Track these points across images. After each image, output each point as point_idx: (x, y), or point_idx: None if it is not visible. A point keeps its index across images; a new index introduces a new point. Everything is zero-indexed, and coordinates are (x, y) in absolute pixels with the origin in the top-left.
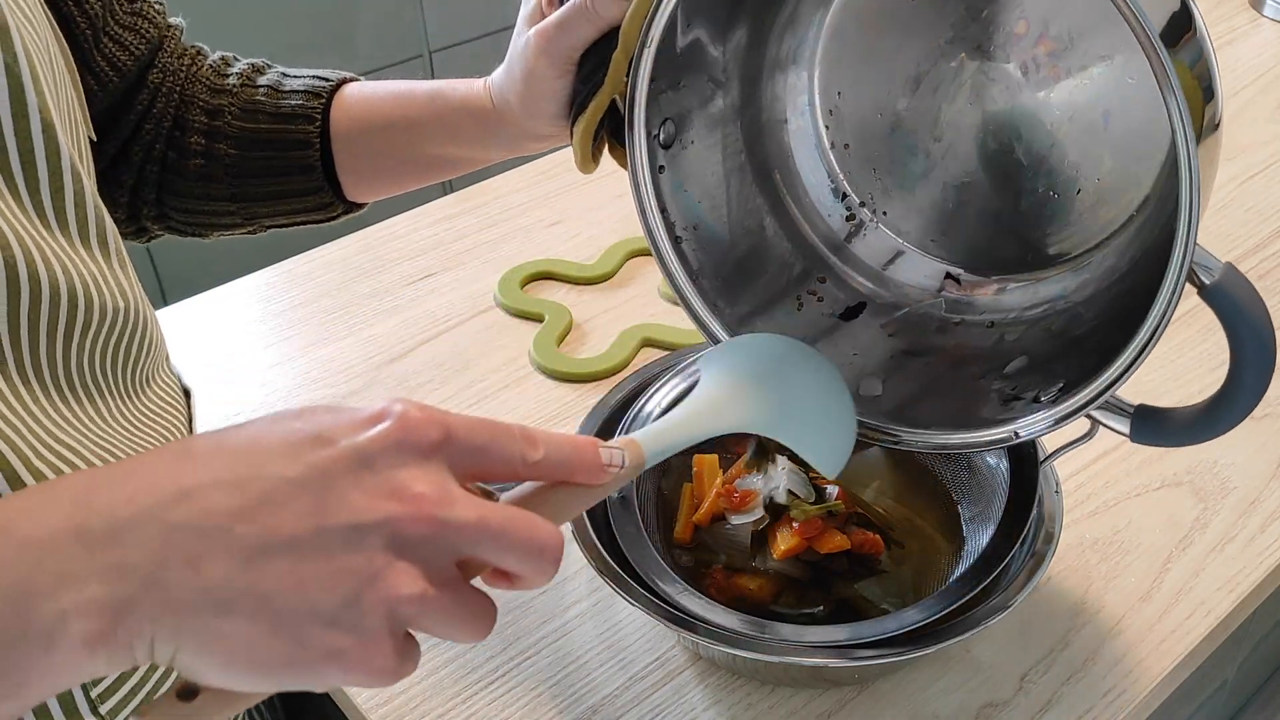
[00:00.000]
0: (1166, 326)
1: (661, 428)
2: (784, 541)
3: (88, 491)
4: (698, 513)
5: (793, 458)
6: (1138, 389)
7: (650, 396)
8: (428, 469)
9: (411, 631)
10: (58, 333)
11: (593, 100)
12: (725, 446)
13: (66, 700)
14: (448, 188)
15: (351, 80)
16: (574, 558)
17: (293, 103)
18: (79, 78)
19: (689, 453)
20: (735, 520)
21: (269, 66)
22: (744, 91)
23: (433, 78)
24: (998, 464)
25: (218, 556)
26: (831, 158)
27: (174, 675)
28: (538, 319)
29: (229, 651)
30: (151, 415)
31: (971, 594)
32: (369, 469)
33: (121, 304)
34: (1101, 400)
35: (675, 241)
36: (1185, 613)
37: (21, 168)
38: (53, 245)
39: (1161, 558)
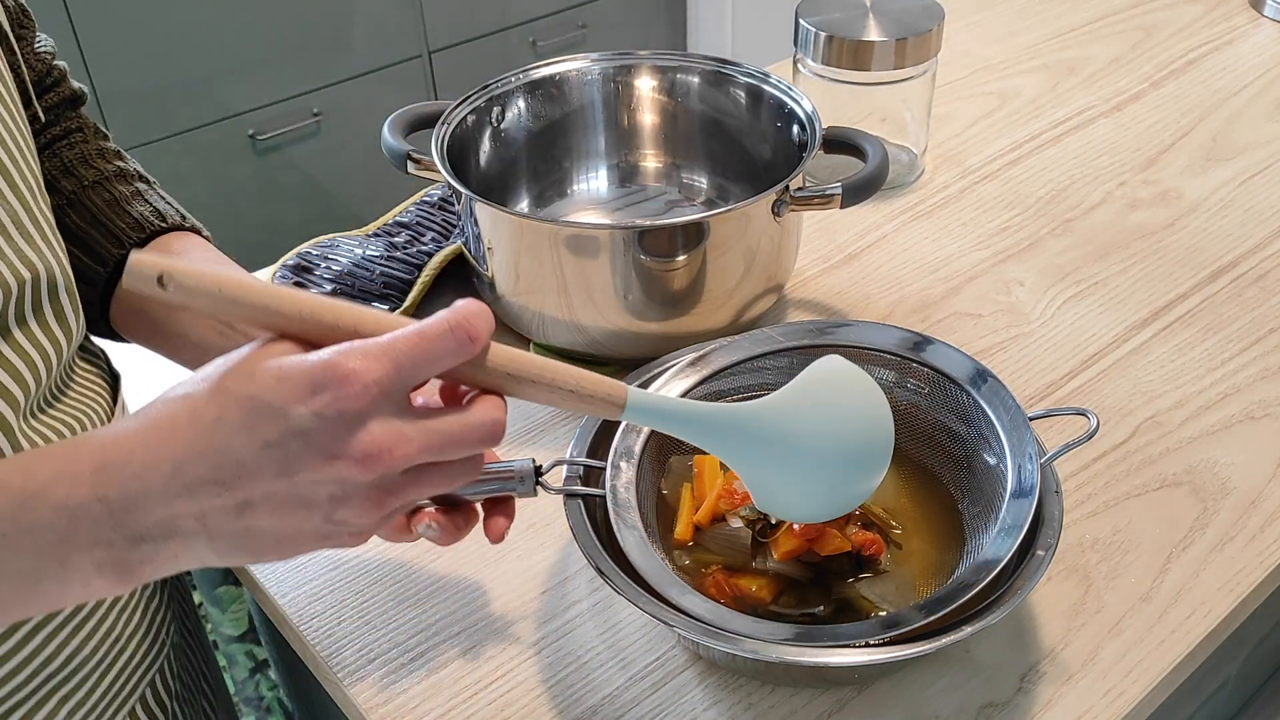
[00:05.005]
0: None
1: (656, 396)
2: (785, 542)
3: (103, 465)
4: (698, 513)
5: None
6: (1136, 388)
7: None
8: (367, 423)
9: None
10: None
11: None
12: None
13: None
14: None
15: (195, 230)
16: (574, 558)
17: (149, 208)
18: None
19: (690, 452)
20: (736, 521)
21: (148, 183)
22: None
23: (432, 78)
24: (998, 463)
25: (214, 513)
26: None
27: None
28: None
29: (235, 560)
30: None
31: (971, 594)
32: (317, 436)
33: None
34: None
35: None
36: (1185, 613)
37: None
38: None
39: (1161, 558)
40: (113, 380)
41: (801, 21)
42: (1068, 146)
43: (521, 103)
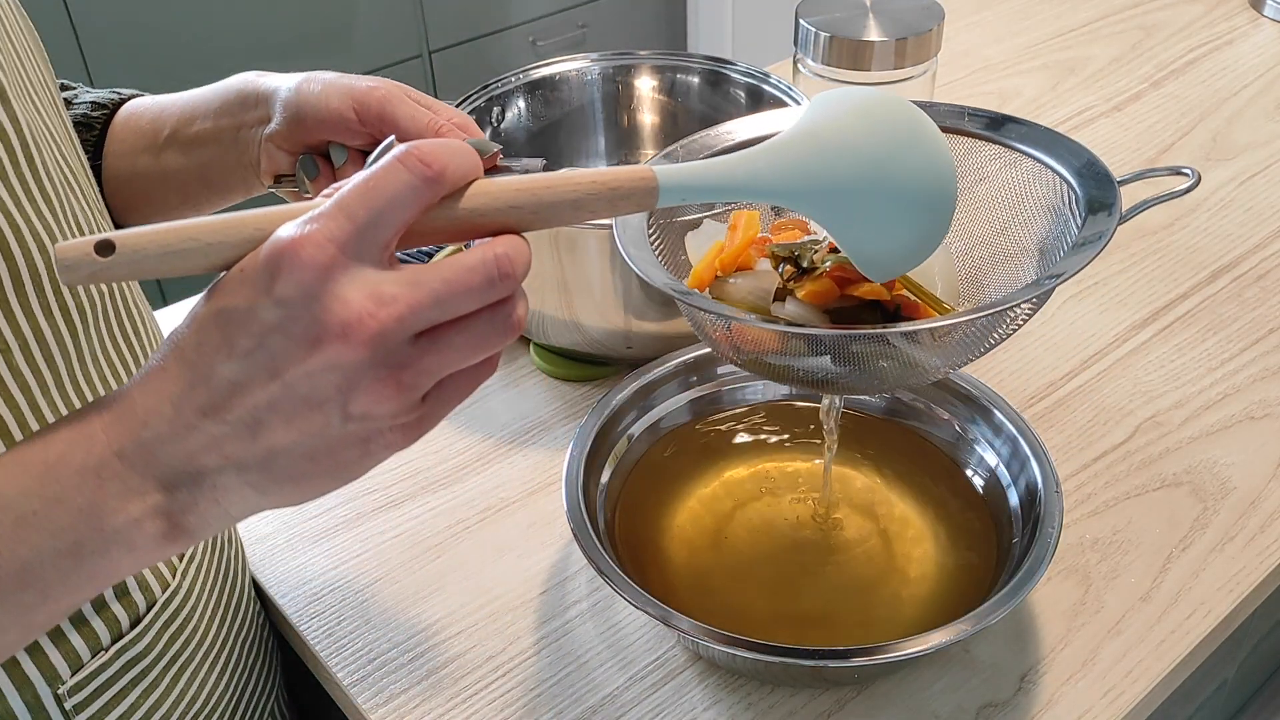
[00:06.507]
0: None
1: (688, 166)
2: (812, 283)
3: (111, 423)
4: (721, 256)
5: None
6: (1136, 388)
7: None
8: (337, 291)
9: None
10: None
11: None
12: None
13: (34, 703)
14: None
15: (131, 99)
16: (574, 558)
17: (77, 112)
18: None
19: (724, 215)
20: (764, 263)
21: (70, 85)
22: None
23: (432, 78)
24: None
25: (229, 442)
26: None
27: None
28: None
29: (281, 495)
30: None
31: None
32: (291, 323)
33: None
34: None
35: None
36: (1185, 613)
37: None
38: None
39: (1161, 558)
40: None
41: (801, 21)
42: None
43: (521, 103)
